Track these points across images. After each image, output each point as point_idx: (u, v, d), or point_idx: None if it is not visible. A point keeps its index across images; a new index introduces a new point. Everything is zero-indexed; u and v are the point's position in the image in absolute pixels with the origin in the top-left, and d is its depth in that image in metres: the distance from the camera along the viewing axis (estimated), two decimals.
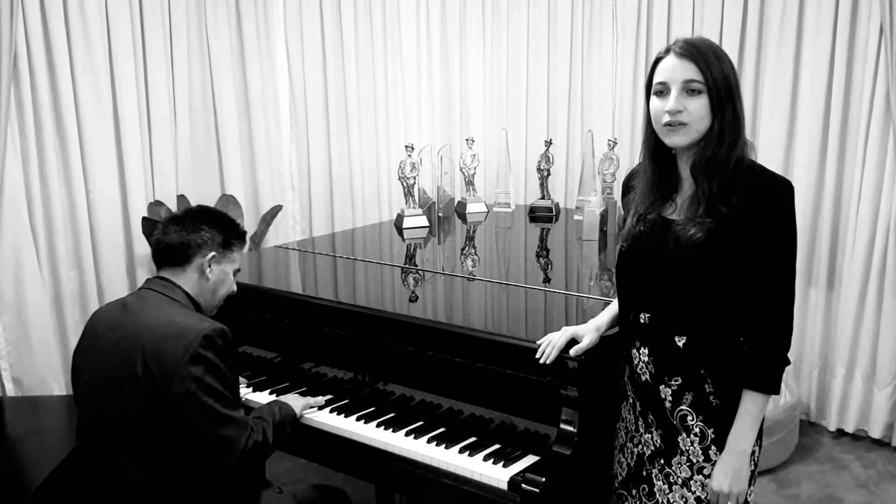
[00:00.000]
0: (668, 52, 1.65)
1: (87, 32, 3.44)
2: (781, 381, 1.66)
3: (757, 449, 1.72)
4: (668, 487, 1.75)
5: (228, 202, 3.93)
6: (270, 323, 2.43)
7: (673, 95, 1.61)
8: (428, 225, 3.42)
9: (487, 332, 2.01)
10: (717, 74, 1.59)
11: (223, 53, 3.96)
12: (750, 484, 1.71)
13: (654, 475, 1.78)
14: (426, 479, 1.94)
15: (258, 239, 3.99)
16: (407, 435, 2.02)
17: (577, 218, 3.39)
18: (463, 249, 3.19)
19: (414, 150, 3.48)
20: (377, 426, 2.07)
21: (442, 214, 3.63)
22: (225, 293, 2.04)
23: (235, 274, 2.07)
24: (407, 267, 2.82)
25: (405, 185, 3.43)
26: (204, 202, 3.90)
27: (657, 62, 1.66)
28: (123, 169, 3.68)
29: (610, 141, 3.48)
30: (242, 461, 1.84)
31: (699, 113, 1.60)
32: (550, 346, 1.81)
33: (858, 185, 3.50)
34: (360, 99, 4.30)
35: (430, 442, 1.98)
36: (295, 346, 2.40)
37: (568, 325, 1.86)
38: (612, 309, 1.91)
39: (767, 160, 1.73)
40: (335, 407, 2.19)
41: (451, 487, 1.89)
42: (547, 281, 2.65)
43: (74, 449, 2.31)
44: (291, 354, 2.40)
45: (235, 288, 2.08)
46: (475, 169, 3.77)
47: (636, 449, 1.83)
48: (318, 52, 4.19)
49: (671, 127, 1.62)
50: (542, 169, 3.79)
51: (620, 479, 1.89)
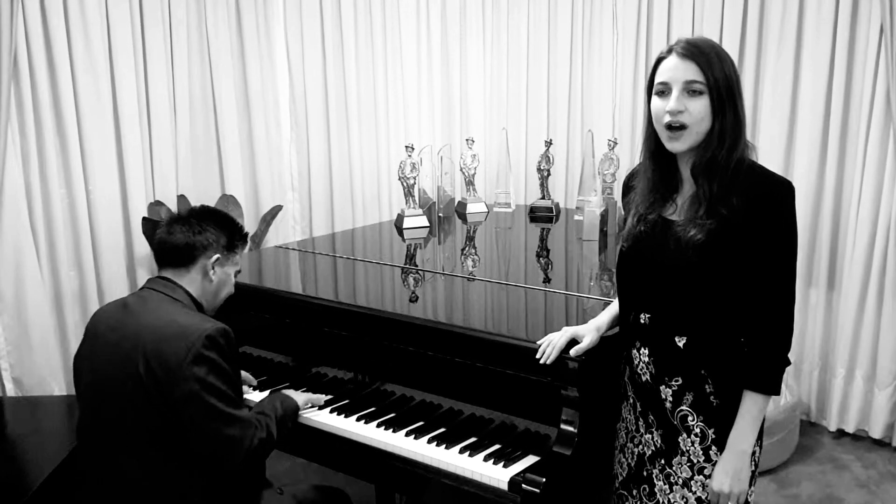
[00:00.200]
0: (670, 52, 1.65)
1: (87, 32, 3.44)
2: (782, 381, 1.66)
3: (757, 449, 1.72)
4: (668, 487, 1.75)
5: (228, 202, 3.92)
6: (271, 323, 2.43)
7: (674, 96, 1.61)
8: (428, 225, 3.42)
9: (487, 332, 2.01)
10: (718, 75, 1.59)
11: (223, 53, 3.96)
12: (750, 484, 1.71)
13: (654, 475, 1.78)
14: (426, 479, 1.94)
15: (258, 239, 3.99)
16: (407, 435, 2.02)
17: (577, 218, 3.39)
18: (463, 249, 3.18)
19: (414, 150, 3.47)
20: (377, 426, 2.07)
21: (442, 214, 3.63)
22: (226, 295, 2.04)
23: (236, 275, 2.07)
24: (407, 267, 2.82)
25: (405, 185, 3.43)
26: (204, 202, 3.88)
27: (659, 62, 1.66)
28: (123, 169, 3.68)
29: (610, 141, 3.48)
30: (248, 459, 1.84)
31: (700, 114, 1.60)
32: (551, 346, 1.81)
33: (859, 185, 3.50)
34: (360, 99, 4.30)
35: (430, 442, 1.98)
36: (295, 346, 2.39)
37: (568, 325, 1.86)
38: (612, 309, 1.91)
39: (768, 160, 1.73)
40: (335, 407, 2.19)
41: (451, 488, 1.89)
42: (547, 281, 2.65)
43: (74, 449, 2.31)
44: (291, 354, 2.40)
45: (233, 290, 2.08)
46: (475, 169, 3.77)
47: (637, 449, 1.83)
48: (318, 51, 4.19)
49: (672, 132, 1.62)
50: (542, 169, 3.79)
51: (621, 479, 1.89)
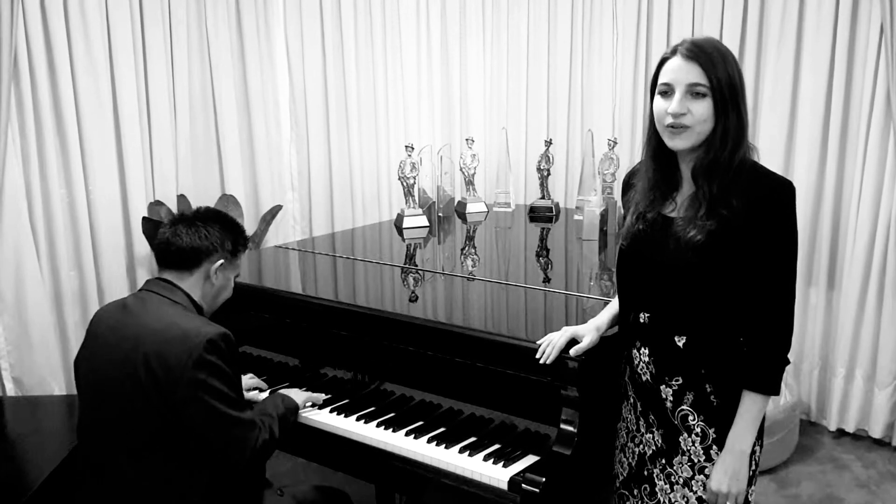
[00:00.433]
0: (674, 52, 1.64)
1: (87, 32, 3.44)
2: (781, 382, 1.66)
3: (758, 449, 1.72)
4: (669, 487, 1.75)
5: (228, 202, 3.92)
6: (270, 323, 2.43)
7: (676, 98, 1.60)
8: (428, 225, 3.41)
9: (487, 332, 2.01)
10: (722, 78, 1.58)
11: (223, 53, 3.96)
12: (750, 484, 1.71)
13: (655, 475, 1.78)
14: (426, 479, 1.94)
15: (258, 239, 3.99)
16: (407, 435, 2.02)
17: (577, 218, 3.39)
18: (463, 249, 3.18)
19: (414, 149, 3.47)
20: (377, 426, 2.07)
21: (442, 214, 3.63)
22: (224, 298, 2.04)
23: (235, 279, 2.07)
24: (407, 267, 2.82)
25: (405, 184, 3.43)
26: (204, 202, 3.91)
27: (663, 62, 1.65)
28: (123, 169, 3.68)
29: (610, 140, 3.48)
30: (252, 460, 1.85)
31: (702, 116, 1.60)
32: (550, 346, 1.81)
33: (859, 184, 3.50)
34: (360, 99, 4.30)
35: (430, 442, 1.98)
36: (295, 346, 2.39)
37: (568, 324, 1.86)
38: (611, 308, 1.91)
39: (768, 160, 1.73)
40: (335, 407, 2.19)
41: (451, 487, 1.89)
42: (547, 281, 2.65)
43: (74, 449, 2.31)
44: (291, 354, 2.40)
45: (232, 293, 2.08)
46: (475, 169, 3.76)
47: (637, 449, 1.83)
48: (318, 51, 4.19)
49: (673, 130, 1.62)
50: (542, 169, 3.78)
51: (622, 478, 1.89)
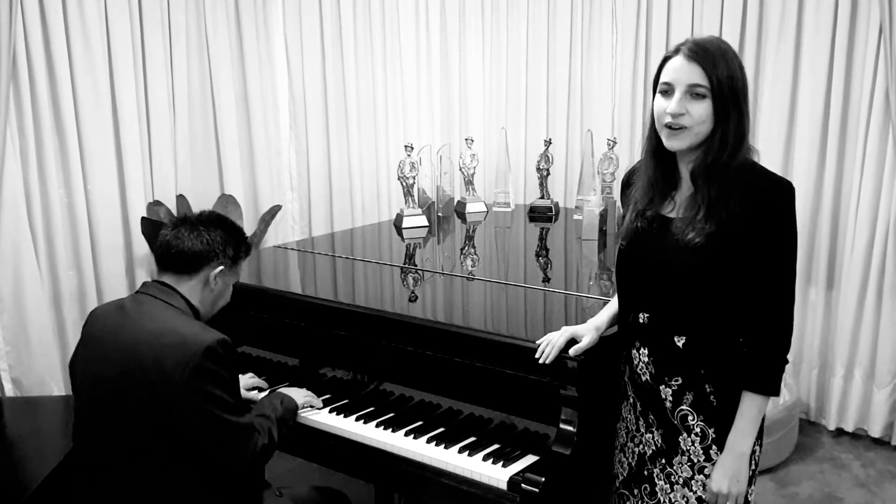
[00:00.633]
0: (677, 51, 1.63)
1: (86, 33, 3.44)
2: (781, 382, 1.66)
3: (757, 449, 1.72)
4: (669, 487, 1.75)
5: (228, 202, 3.92)
6: (269, 323, 2.43)
7: (676, 98, 1.60)
8: (427, 225, 3.41)
9: (487, 331, 2.01)
10: (723, 79, 1.57)
11: (222, 53, 3.95)
12: (750, 484, 1.71)
13: (655, 475, 1.78)
14: (425, 479, 1.94)
15: (257, 239, 3.98)
16: (406, 435, 2.02)
17: (576, 217, 3.39)
18: (462, 249, 3.18)
19: (413, 149, 3.47)
20: (377, 426, 2.07)
21: (441, 214, 3.63)
22: (222, 304, 2.03)
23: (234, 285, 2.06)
24: (406, 267, 2.82)
25: (405, 184, 3.43)
26: (203, 202, 3.91)
27: (666, 60, 1.65)
28: (122, 169, 3.67)
29: (609, 140, 3.48)
30: (252, 464, 1.84)
31: (700, 117, 1.59)
32: (550, 345, 1.81)
33: (858, 184, 3.50)
34: (359, 99, 4.29)
35: (429, 442, 1.98)
36: (294, 346, 2.39)
37: (567, 324, 1.86)
38: (611, 308, 1.90)
39: (767, 160, 1.73)
40: (335, 407, 2.18)
41: (450, 487, 1.89)
42: (546, 281, 2.65)
43: (72, 449, 2.31)
44: (291, 354, 2.40)
45: (230, 299, 2.07)
46: (475, 169, 3.76)
47: (637, 448, 1.83)
48: (317, 51, 4.19)
49: (671, 130, 1.62)
50: (541, 168, 3.78)
51: (622, 478, 1.89)
